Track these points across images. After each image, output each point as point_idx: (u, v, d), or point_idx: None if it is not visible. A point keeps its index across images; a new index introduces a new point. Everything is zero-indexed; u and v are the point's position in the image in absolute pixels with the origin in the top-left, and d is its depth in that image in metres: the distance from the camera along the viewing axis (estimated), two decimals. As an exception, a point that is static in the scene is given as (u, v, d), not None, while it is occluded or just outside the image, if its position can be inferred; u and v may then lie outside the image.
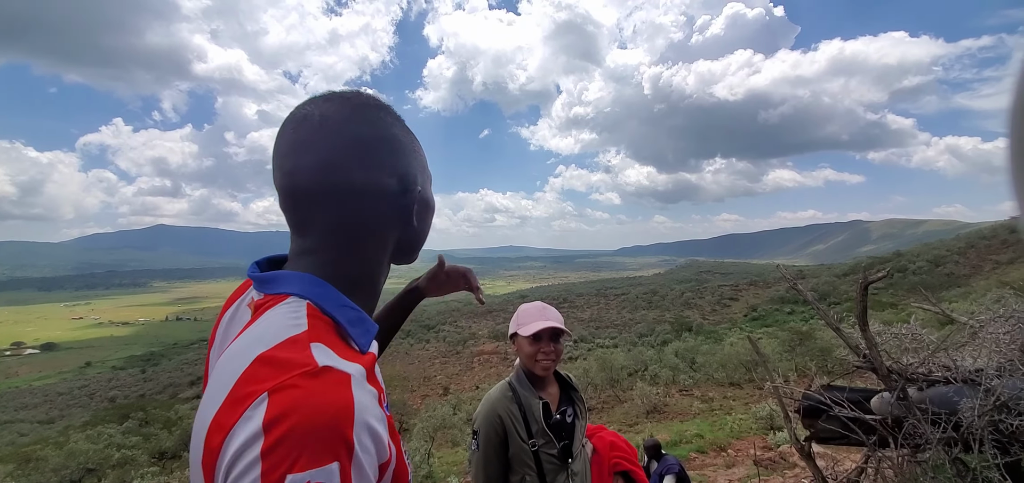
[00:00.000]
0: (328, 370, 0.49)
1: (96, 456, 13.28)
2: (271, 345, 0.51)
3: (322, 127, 0.60)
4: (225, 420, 0.48)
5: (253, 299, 0.62)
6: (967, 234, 52.44)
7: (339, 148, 0.60)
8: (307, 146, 0.60)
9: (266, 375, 0.48)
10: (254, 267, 0.66)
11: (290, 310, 0.56)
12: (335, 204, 0.61)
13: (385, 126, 0.64)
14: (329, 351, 0.52)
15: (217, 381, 0.52)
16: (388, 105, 0.67)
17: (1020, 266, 34.58)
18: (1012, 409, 1.87)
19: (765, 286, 57.56)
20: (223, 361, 0.54)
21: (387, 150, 0.63)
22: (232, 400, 0.48)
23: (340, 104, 0.62)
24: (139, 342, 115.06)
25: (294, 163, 0.60)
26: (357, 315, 0.60)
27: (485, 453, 1.59)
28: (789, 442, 6.19)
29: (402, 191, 0.65)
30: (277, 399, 0.46)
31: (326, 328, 0.56)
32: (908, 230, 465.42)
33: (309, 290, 0.58)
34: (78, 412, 36.91)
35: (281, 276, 0.60)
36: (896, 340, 2.67)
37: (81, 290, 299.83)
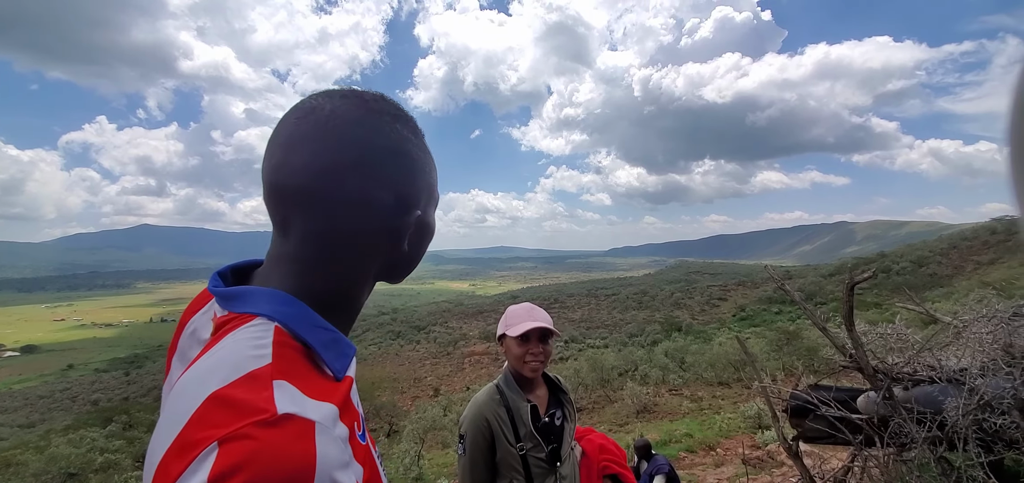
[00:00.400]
0: (289, 419, 0.43)
1: (78, 460, 13.01)
2: (228, 381, 0.45)
3: (327, 124, 0.54)
4: (172, 467, 0.42)
5: (216, 314, 0.55)
6: (949, 235, 53.53)
7: (339, 150, 0.54)
8: (305, 141, 0.54)
9: (218, 420, 0.42)
10: (216, 278, 0.58)
11: (254, 335, 0.49)
12: (322, 211, 0.54)
13: (397, 138, 0.58)
14: (294, 391, 0.45)
15: (168, 417, 0.46)
16: (410, 117, 0.61)
17: (1001, 266, 35.37)
18: (995, 408, 1.90)
19: (753, 286, 58.21)
20: (176, 393, 0.48)
21: (393, 164, 0.57)
22: (180, 445, 0.42)
23: (355, 103, 0.56)
24: (123, 344, 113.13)
25: (284, 158, 0.54)
26: (332, 337, 0.53)
27: (472, 457, 1.56)
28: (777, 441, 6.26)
29: (398, 211, 0.58)
30: (227, 451, 0.40)
31: (294, 357, 0.49)
32: (891, 231, 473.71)
33: (279, 310, 0.51)
34: (60, 416, 36.17)
35: (248, 293, 0.54)
36: (881, 340, 2.71)
37: (63, 291, 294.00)
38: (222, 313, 0.54)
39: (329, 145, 0.54)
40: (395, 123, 0.58)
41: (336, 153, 0.54)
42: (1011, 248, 40.28)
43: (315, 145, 0.54)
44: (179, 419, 0.44)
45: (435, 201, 0.66)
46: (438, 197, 0.67)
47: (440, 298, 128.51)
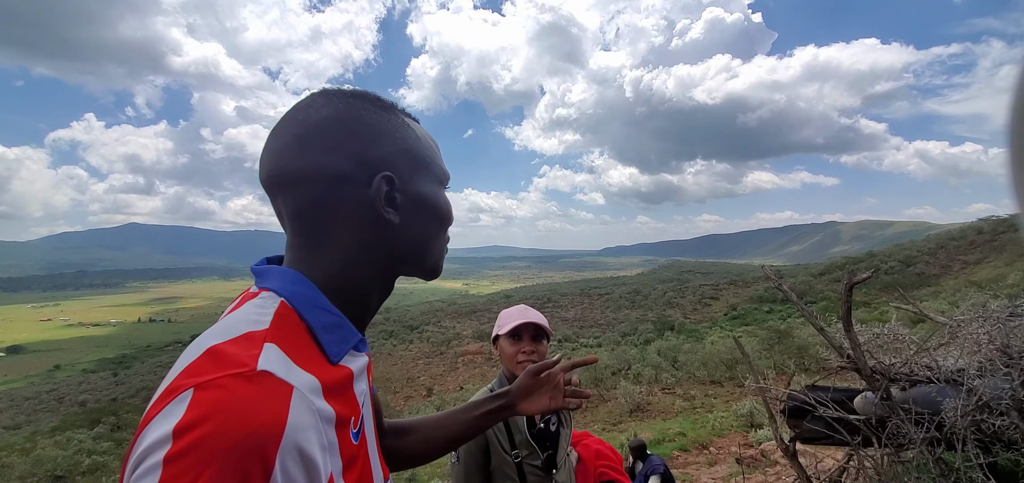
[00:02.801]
0: (265, 376, 0.44)
1: (65, 462, 12.83)
2: (226, 338, 0.48)
3: (286, 116, 0.58)
4: (152, 410, 0.44)
5: (246, 292, 0.58)
6: (937, 235, 54.28)
7: (291, 129, 0.57)
8: (273, 136, 0.58)
9: (202, 369, 0.44)
10: (261, 261, 0.62)
11: (260, 304, 0.52)
12: (290, 190, 0.57)
13: (348, 108, 0.58)
14: (281, 355, 0.47)
15: (176, 364, 0.49)
16: (370, 93, 0.61)
17: (987, 266, 35.91)
18: (994, 409, 1.90)
19: (745, 285, 58.64)
20: (189, 347, 0.51)
21: (342, 132, 0.56)
22: (167, 390, 0.44)
23: (316, 95, 0.59)
24: (111, 344, 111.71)
25: (263, 154, 0.59)
26: (335, 320, 0.55)
27: (466, 466, 1.51)
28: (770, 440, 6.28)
29: (361, 176, 0.56)
30: (198, 399, 0.42)
31: (292, 330, 0.51)
32: (877, 231, 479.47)
33: (287, 287, 0.54)
34: (46, 417, 35.61)
35: (268, 271, 0.57)
36: (877, 340, 2.71)
37: (50, 291, 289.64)
38: (253, 290, 0.57)
39: (286, 129, 0.57)
40: (351, 98, 0.59)
41: (288, 132, 0.57)
42: (997, 247, 40.92)
43: (277, 135, 0.58)
44: (177, 368, 0.47)
45: (433, 175, 0.64)
46: (440, 173, 0.66)
47: (433, 297, 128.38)
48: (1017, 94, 0.35)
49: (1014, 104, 0.35)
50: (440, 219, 0.65)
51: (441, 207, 0.65)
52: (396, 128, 0.61)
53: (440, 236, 0.66)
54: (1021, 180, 0.35)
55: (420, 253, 0.64)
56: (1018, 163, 0.35)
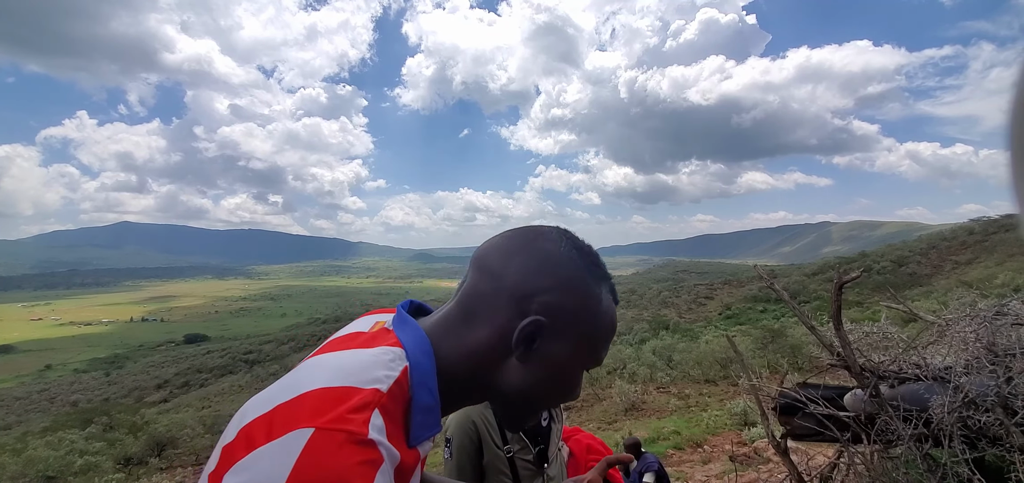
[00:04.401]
0: (371, 445, 0.49)
1: (57, 463, 12.69)
2: (354, 381, 0.52)
3: (532, 229, 0.65)
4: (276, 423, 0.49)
5: (381, 326, 0.63)
6: (929, 235, 54.73)
7: (518, 242, 0.63)
8: (511, 234, 0.66)
9: (325, 410, 0.50)
10: (405, 303, 0.68)
11: (390, 362, 0.56)
12: (475, 272, 0.63)
13: (565, 254, 0.62)
14: (383, 428, 0.51)
15: (298, 375, 0.55)
16: (595, 255, 0.66)
17: (978, 266, 36.27)
18: (980, 406, 1.94)
19: (739, 285, 58.91)
20: (316, 363, 0.57)
21: (546, 268, 0.61)
22: (289, 408, 0.50)
23: (562, 235, 0.65)
24: (103, 343, 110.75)
25: (497, 237, 0.66)
26: (431, 406, 0.57)
27: (458, 461, 1.53)
28: (763, 437, 6.34)
29: (520, 307, 0.59)
30: (316, 443, 0.47)
31: (399, 402, 0.55)
32: (867, 232, 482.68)
33: (415, 354, 0.58)
34: (37, 417, 35.25)
35: (409, 323, 0.62)
36: (867, 338, 2.74)
37: (41, 290, 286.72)
38: (388, 327, 0.62)
39: (521, 235, 0.64)
40: (574, 248, 0.64)
41: (517, 241, 0.64)
42: (988, 248, 41.34)
43: (514, 235, 0.65)
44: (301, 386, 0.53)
45: (582, 352, 0.63)
46: (591, 357, 0.64)
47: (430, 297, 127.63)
48: (1017, 94, 0.35)
49: (1014, 104, 0.35)
50: (559, 392, 0.65)
51: (567, 381, 0.64)
52: (586, 294, 0.62)
53: (546, 404, 0.66)
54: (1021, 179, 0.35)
55: (517, 402, 0.64)
56: (1018, 163, 0.35)
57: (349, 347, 0.59)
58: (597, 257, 0.66)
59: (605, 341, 0.65)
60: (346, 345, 0.60)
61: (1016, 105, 0.35)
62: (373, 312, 0.70)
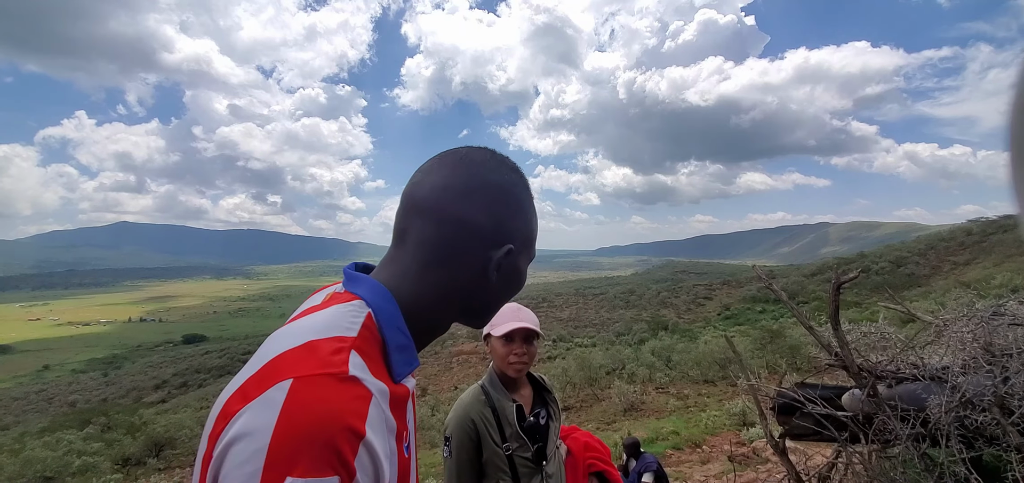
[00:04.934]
0: (355, 381, 0.50)
1: (54, 464, 12.66)
2: (321, 335, 0.54)
3: (460, 159, 0.67)
4: (250, 389, 0.50)
5: (332, 292, 0.66)
6: (927, 236, 54.84)
7: (462, 177, 0.65)
8: (441, 168, 0.66)
9: (300, 362, 0.50)
10: (351, 266, 0.69)
11: (351, 311, 0.58)
12: (434, 221, 0.64)
13: (509, 181, 0.68)
14: (363, 365, 0.53)
15: (261, 351, 0.55)
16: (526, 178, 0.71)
17: (976, 267, 36.36)
18: (976, 405, 1.94)
19: (738, 285, 58.98)
20: (275, 335, 0.57)
21: (499, 199, 0.66)
22: (263, 373, 0.51)
23: (489, 155, 0.69)
24: (101, 344, 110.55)
25: (422, 178, 0.66)
26: (405, 342, 0.61)
27: (458, 459, 1.54)
28: (761, 438, 6.35)
29: (494, 239, 0.65)
30: (300, 388, 0.48)
31: (372, 342, 0.57)
32: (864, 232, 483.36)
33: (376, 301, 0.60)
34: (35, 418, 35.19)
35: (362, 279, 0.63)
36: (865, 338, 2.75)
37: (39, 290, 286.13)
38: (340, 292, 0.64)
39: (457, 172, 0.66)
40: (513, 173, 0.69)
41: (458, 178, 0.65)
42: (986, 249, 41.44)
43: (445, 171, 0.66)
44: (268, 355, 0.53)
45: (530, 256, 0.73)
46: (534, 254, 0.74)
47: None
48: (1016, 95, 0.35)
49: (1013, 105, 0.35)
50: (516, 290, 0.72)
51: (522, 281, 0.72)
52: (529, 211, 0.70)
53: (504, 302, 0.73)
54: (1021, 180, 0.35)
55: (487, 311, 0.71)
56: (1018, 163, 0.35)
57: (305, 316, 0.61)
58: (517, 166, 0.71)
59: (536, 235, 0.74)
60: (301, 316, 0.62)
61: (1015, 106, 0.35)
62: (322, 288, 0.71)
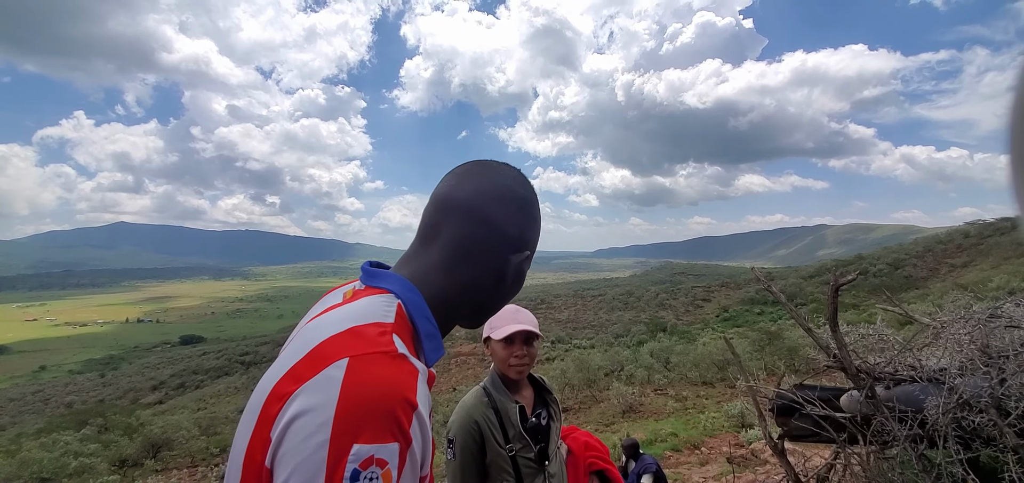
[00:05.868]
0: (404, 359, 0.54)
1: (51, 465, 12.62)
2: (361, 322, 0.57)
3: (492, 170, 0.74)
4: (304, 371, 0.52)
5: (354, 289, 0.68)
6: (924, 238, 54.99)
7: (494, 185, 0.71)
8: (476, 175, 0.73)
9: (351, 344, 0.53)
10: (367, 264, 0.72)
11: (384, 301, 0.62)
12: (466, 223, 0.69)
13: (533, 197, 0.76)
14: (405, 347, 0.57)
15: (302, 338, 0.58)
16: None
17: (974, 269, 36.47)
18: (974, 407, 1.95)
19: (736, 287, 59.07)
20: (312, 325, 0.60)
21: (524, 210, 0.73)
22: (314, 355, 0.53)
23: (516, 171, 0.76)
24: (98, 344, 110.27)
25: (458, 182, 0.72)
26: (433, 330, 0.65)
27: (462, 461, 1.55)
28: (760, 439, 6.35)
29: (516, 245, 0.72)
30: (358, 365, 0.51)
31: (407, 329, 0.61)
32: (860, 235, 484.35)
33: (404, 293, 0.64)
34: (32, 418, 35.02)
35: (385, 274, 0.67)
36: (863, 340, 2.76)
37: (36, 290, 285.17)
38: (360, 287, 0.67)
39: (493, 181, 0.72)
40: (532, 190, 0.76)
41: (494, 187, 0.71)
42: (983, 251, 41.57)
43: (483, 179, 0.72)
44: (312, 341, 0.55)
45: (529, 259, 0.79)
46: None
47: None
48: (1015, 97, 0.35)
49: (1013, 106, 0.35)
50: (517, 292, 0.78)
51: (521, 286, 0.78)
52: (539, 222, 0.77)
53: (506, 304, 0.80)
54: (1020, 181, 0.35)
55: (492, 312, 0.77)
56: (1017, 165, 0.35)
57: (334, 310, 0.63)
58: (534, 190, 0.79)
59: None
60: (328, 311, 0.64)
61: (1014, 108, 0.35)
62: (334, 289, 0.74)
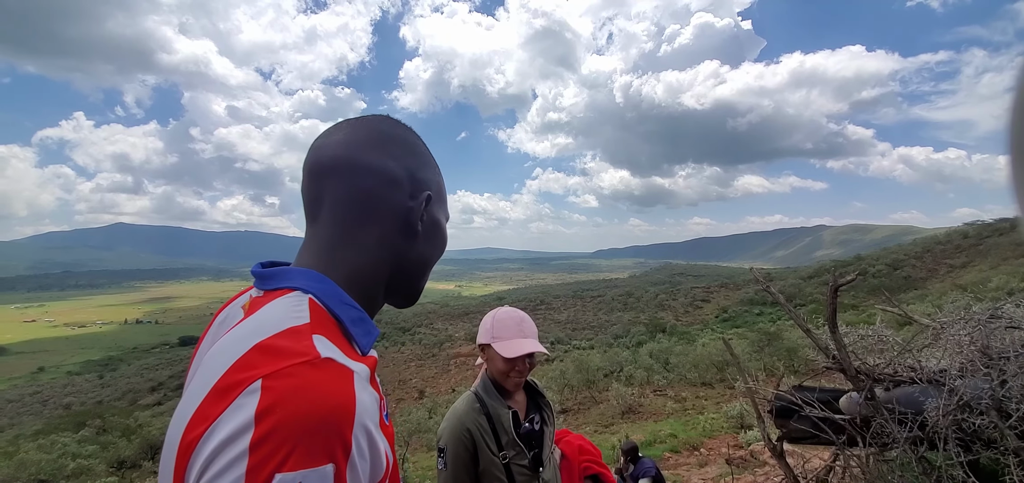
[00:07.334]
0: (330, 362, 0.46)
1: (49, 466, 12.59)
2: (270, 334, 0.48)
3: (357, 120, 0.67)
4: (210, 409, 0.43)
5: (250, 297, 0.60)
6: (923, 239, 55.08)
7: (363, 133, 0.65)
8: (338, 130, 0.65)
9: (262, 362, 0.45)
10: (257, 266, 0.63)
11: (291, 304, 0.53)
12: (346, 176, 0.62)
13: (409, 135, 0.68)
14: (332, 345, 0.49)
15: (204, 372, 0.48)
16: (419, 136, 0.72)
17: (973, 270, 36.51)
18: (974, 409, 1.95)
19: (735, 288, 59.10)
20: (212, 353, 0.50)
21: (405, 150, 0.66)
22: (220, 388, 0.44)
23: (386, 118, 0.70)
24: (97, 346, 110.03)
25: (323, 142, 0.64)
26: (359, 315, 0.58)
27: (454, 471, 1.48)
28: (759, 441, 6.35)
29: (410, 187, 0.65)
30: (272, 386, 0.43)
31: (328, 324, 0.53)
32: (857, 236, 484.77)
33: (312, 285, 0.56)
34: (30, 420, 34.97)
35: (283, 271, 0.59)
36: (862, 341, 2.75)
37: (35, 291, 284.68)
38: (257, 294, 0.58)
39: (358, 129, 0.65)
40: (408, 129, 0.70)
41: (361, 134, 0.64)
42: (982, 252, 41.62)
43: (346, 131, 0.65)
44: (218, 369, 0.46)
45: (445, 211, 0.72)
46: (446, 205, 0.74)
47: (425, 299, 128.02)
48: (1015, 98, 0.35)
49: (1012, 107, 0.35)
50: (441, 249, 0.72)
51: (445, 239, 0.72)
52: (433, 164, 0.71)
53: (433, 265, 0.72)
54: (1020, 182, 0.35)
55: (418, 274, 0.69)
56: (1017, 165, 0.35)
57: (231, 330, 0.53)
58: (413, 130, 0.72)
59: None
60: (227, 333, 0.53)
61: (1013, 109, 0.35)
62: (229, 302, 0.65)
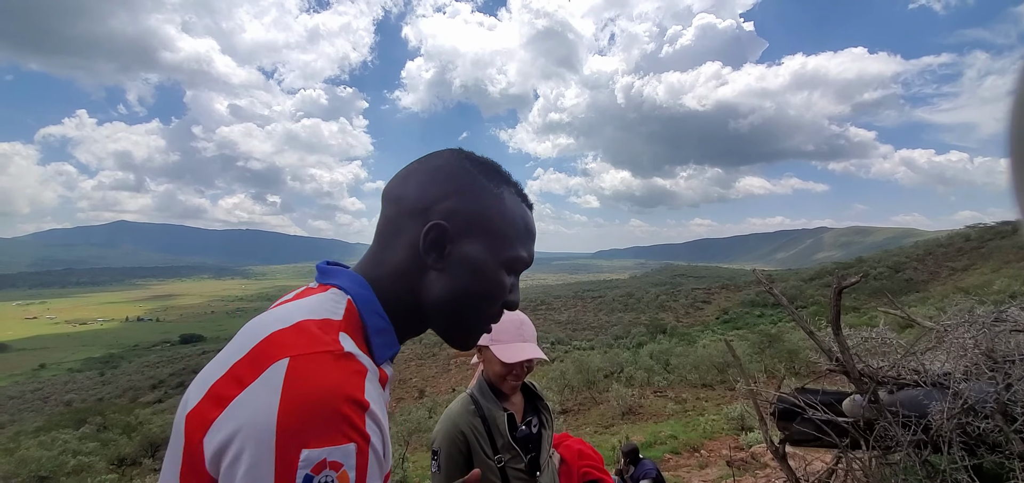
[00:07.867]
0: (351, 357, 0.52)
1: (50, 463, 12.60)
2: (307, 318, 0.54)
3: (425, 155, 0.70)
4: (243, 372, 0.49)
5: (307, 287, 0.66)
6: (925, 242, 54.98)
7: (413, 164, 0.69)
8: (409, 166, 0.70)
9: (294, 342, 0.51)
10: (323, 263, 0.69)
11: (333, 298, 0.60)
12: (383, 203, 0.68)
13: (454, 165, 0.66)
14: (354, 344, 0.54)
15: (241, 338, 0.54)
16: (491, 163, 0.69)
17: (974, 272, 36.43)
18: (978, 412, 1.93)
19: (736, 289, 59.05)
20: (260, 319, 0.57)
21: (436, 179, 0.65)
22: (254, 355, 0.50)
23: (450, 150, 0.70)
24: (98, 343, 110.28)
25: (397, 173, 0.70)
26: (385, 326, 0.62)
27: (448, 474, 1.45)
28: (760, 443, 6.33)
29: (423, 215, 0.63)
30: (298, 365, 0.48)
31: (356, 326, 0.58)
32: (863, 238, 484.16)
33: (353, 288, 0.62)
34: (31, 417, 35.05)
35: (335, 270, 0.65)
36: (865, 344, 2.74)
37: (36, 288, 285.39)
38: (314, 286, 0.65)
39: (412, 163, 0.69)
40: (465, 158, 0.68)
41: (412, 166, 0.69)
42: (984, 254, 41.52)
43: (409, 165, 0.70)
44: (254, 338, 0.53)
45: (493, 248, 0.65)
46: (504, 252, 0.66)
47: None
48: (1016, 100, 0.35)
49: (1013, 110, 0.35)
50: (484, 293, 0.65)
51: (489, 281, 0.65)
52: (482, 194, 0.66)
53: (477, 309, 0.66)
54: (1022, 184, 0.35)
55: (446, 310, 0.65)
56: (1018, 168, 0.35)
57: (285, 304, 0.61)
58: (495, 165, 0.70)
59: (517, 237, 0.68)
60: (275, 307, 0.62)
61: (1014, 112, 0.35)
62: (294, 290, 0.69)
